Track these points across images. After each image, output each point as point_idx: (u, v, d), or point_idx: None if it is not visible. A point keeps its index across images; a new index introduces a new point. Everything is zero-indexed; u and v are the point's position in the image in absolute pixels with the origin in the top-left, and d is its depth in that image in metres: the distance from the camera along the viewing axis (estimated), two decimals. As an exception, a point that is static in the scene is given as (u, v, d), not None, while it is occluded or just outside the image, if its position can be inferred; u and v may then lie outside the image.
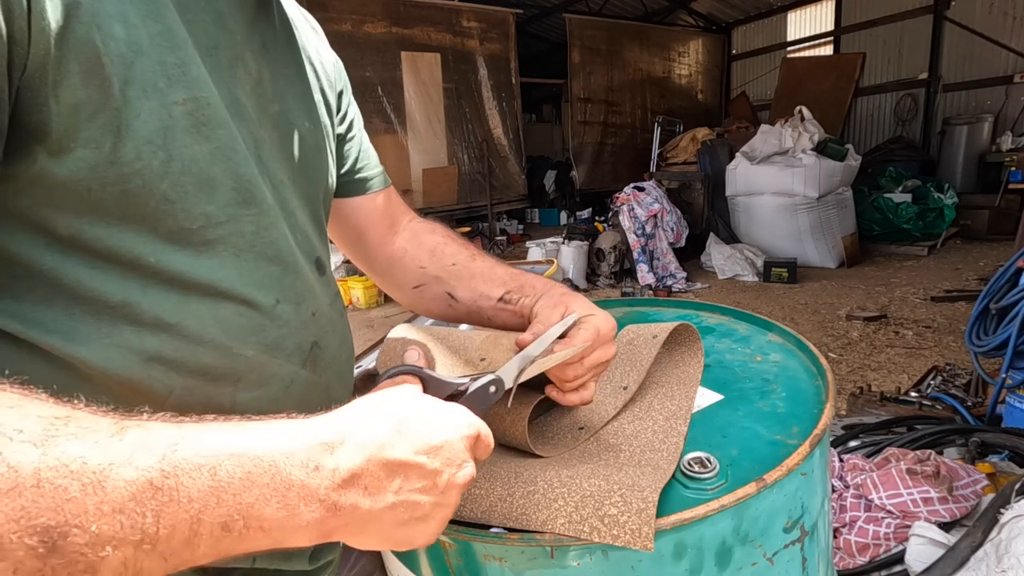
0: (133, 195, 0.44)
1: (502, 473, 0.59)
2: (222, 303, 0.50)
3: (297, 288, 0.56)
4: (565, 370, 0.63)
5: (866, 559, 1.57)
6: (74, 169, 0.41)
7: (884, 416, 2.35)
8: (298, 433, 0.39)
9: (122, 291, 0.45)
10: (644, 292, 5.91)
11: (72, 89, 0.40)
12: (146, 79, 0.43)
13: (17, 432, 0.29)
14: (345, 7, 7.18)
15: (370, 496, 0.39)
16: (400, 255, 0.80)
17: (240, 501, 0.34)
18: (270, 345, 0.53)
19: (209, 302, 0.49)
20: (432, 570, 0.63)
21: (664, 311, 1.06)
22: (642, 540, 0.49)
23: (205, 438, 0.35)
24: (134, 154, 0.43)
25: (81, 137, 0.41)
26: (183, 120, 0.46)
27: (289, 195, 0.58)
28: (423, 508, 0.42)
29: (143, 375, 0.46)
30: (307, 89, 0.64)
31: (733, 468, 0.60)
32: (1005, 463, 1.81)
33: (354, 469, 0.39)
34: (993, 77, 8.05)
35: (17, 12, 0.37)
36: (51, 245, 0.43)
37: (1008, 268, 2.29)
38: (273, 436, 0.38)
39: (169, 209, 0.46)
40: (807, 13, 10.37)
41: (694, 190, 7.25)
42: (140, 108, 0.43)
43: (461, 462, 0.44)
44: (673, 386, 0.76)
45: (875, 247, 6.94)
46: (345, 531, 0.40)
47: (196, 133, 0.47)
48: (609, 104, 10.18)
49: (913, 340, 4.04)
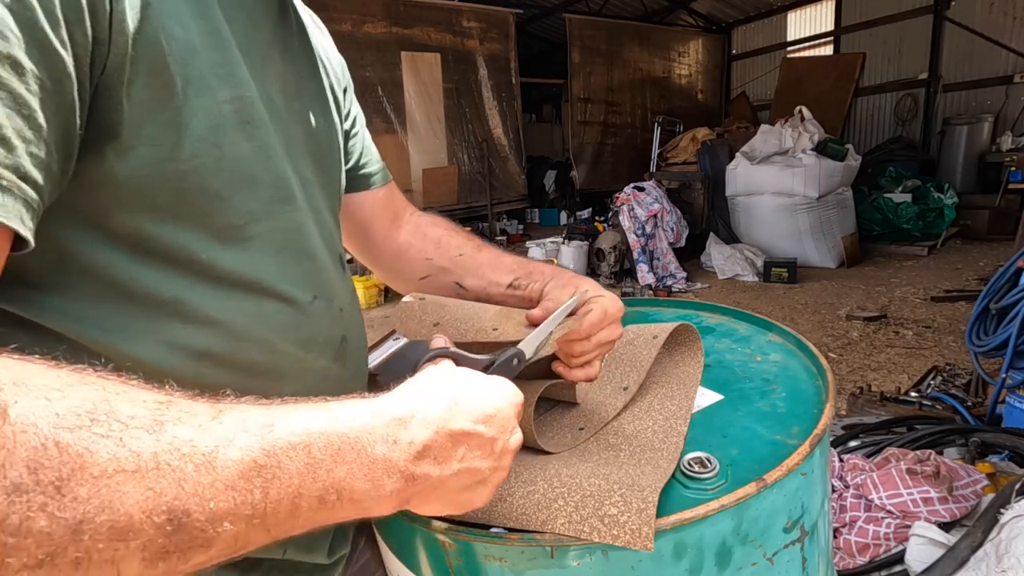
0: (188, 192, 0.45)
1: None
2: (265, 300, 0.51)
3: (327, 284, 0.58)
4: (573, 346, 0.65)
5: (866, 559, 1.57)
6: (137, 167, 0.42)
7: (884, 416, 2.35)
8: (374, 411, 0.41)
9: (172, 288, 0.46)
10: (644, 292, 5.91)
11: (142, 88, 0.41)
12: (201, 78, 0.45)
13: (130, 419, 0.31)
14: (345, 7, 7.18)
15: (439, 465, 0.42)
16: (405, 248, 0.81)
17: (333, 476, 0.36)
18: (306, 341, 0.55)
19: (253, 299, 0.51)
20: (432, 570, 0.63)
21: (664, 311, 1.06)
22: (642, 540, 0.49)
23: (294, 418, 0.37)
24: (191, 152, 0.44)
25: (145, 136, 0.42)
26: (231, 118, 0.47)
27: (315, 192, 0.60)
28: (482, 473, 0.45)
29: (193, 372, 0.47)
30: (321, 88, 0.66)
31: (733, 468, 0.60)
32: (1005, 463, 1.81)
33: (426, 441, 0.41)
34: (993, 77, 8.05)
35: (101, 12, 0.37)
36: (108, 243, 0.43)
37: (1008, 268, 2.29)
38: (354, 414, 0.40)
39: (219, 206, 0.47)
40: (807, 13, 10.37)
41: (694, 190, 7.25)
42: (196, 107, 0.44)
43: (512, 428, 0.47)
44: (673, 386, 0.76)
45: (875, 247, 6.94)
46: (418, 499, 0.43)
47: (242, 131, 0.48)
48: (609, 104, 10.17)
49: (913, 340, 4.04)
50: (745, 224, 6.82)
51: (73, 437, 0.28)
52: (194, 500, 0.31)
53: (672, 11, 11.23)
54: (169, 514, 0.30)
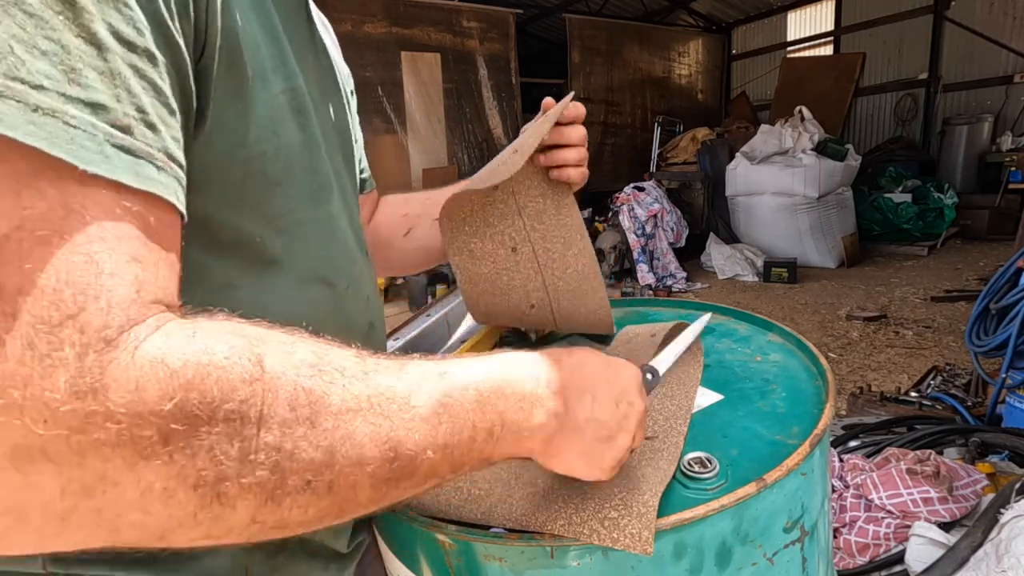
0: (251, 177, 0.47)
1: (503, 475, 0.59)
2: (310, 285, 0.54)
3: (356, 272, 0.61)
4: (562, 154, 0.76)
5: (866, 559, 1.57)
6: (215, 152, 0.44)
7: (884, 416, 2.35)
8: (517, 361, 0.47)
9: (225, 273, 0.47)
10: (644, 292, 5.91)
11: (222, 77, 0.43)
12: (263, 68, 0.47)
13: (344, 369, 0.37)
14: (345, 7, 7.18)
15: (571, 407, 0.47)
16: (383, 225, 0.88)
17: (496, 409, 0.42)
18: (343, 327, 0.57)
19: (299, 285, 0.53)
20: (432, 570, 0.63)
21: (664, 311, 1.06)
22: (642, 544, 0.49)
23: (461, 366, 0.43)
24: (255, 138, 0.46)
25: (222, 122, 0.44)
26: (286, 108, 0.50)
27: (345, 183, 0.62)
28: (609, 427, 0.49)
29: None
30: (337, 86, 0.69)
31: (733, 468, 0.60)
32: (1005, 463, 1.81)
33: (561, 383, 0.47)
34: (993, 77, 8.05)
35: (200, 4, 0.40)
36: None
37: (1008, 268, 2.29)
38: (504, 363, 0.46)
39: (275, 192, 0.49)
40: (807, 13, 10.37)
41: (694, 190, 7.25)
42: (259, 96, 0.46)
43: (633, 400, 0.51)
44: (673, 385, 0.76)
45: (875, 247, 6.94)
46: (559, 441, 0.47)
47: (294, 121, 0.50)
48: (609, 104, 10.17)
49: (913, 340, 4.04)
50: (745, 224, 6.82)
51: (312, 383, 0.34)
52: (403, 432, 0.37)
53: (672, 11, 11.22)
54: (390, 443, 0.36)
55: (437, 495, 0.59)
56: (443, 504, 0.59)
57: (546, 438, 0.46)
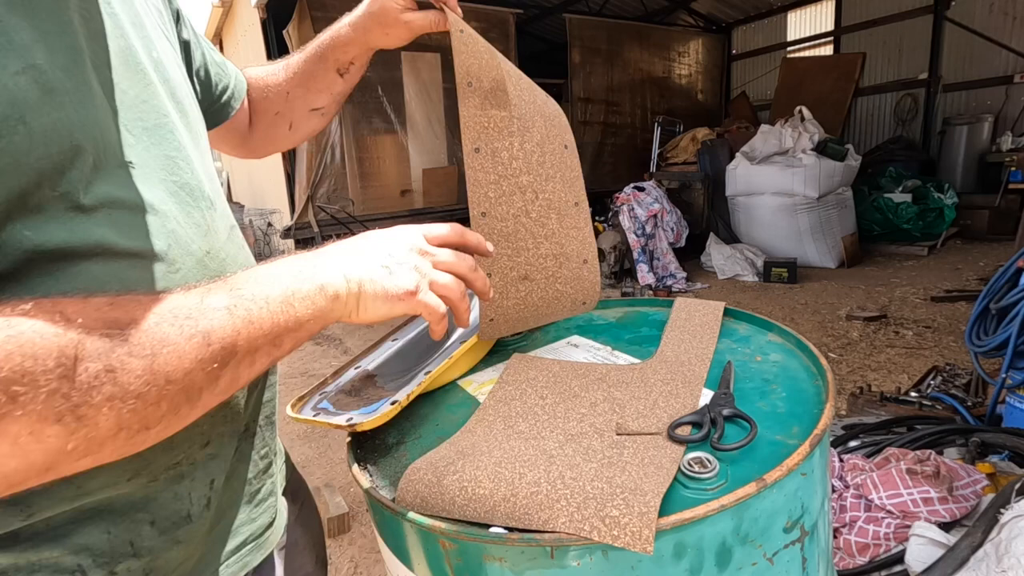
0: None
1: (506, 475, 0.59)
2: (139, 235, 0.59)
3: (197, 219, 0.64)
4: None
5: (866, 559, 1.58)
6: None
7: (884, 416, 2.35)
8: (296, 257, 0.56)
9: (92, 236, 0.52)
10: (644, 292, 5.91)
11: None
12: None
13: (137, 299, 0.43)
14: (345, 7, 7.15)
15: (340, 248, 0.59)
16: (258, 112, 0.94)
17: (280, 277, 0.52)
18: (190, 255, 0.62)
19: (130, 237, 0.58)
20: (432, 570, 0.63)
21: (664, 311, 1.06)
22: (642, 543, 0.50)
23: (252, 276, 0.51)
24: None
25: None
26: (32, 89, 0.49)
27: (172, 131, 0.66)
28: (381, 261, 0.58)
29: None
30: (126, 36, 0.64)
31: (733, 468, 0.60)
32: (1005, 463, 1.81)
33: (323, 246, 0.59)
34: (993, 77, 8.05)
35: None
36: None
37: (1008, 268, 2.29)
38: (284, 262, 0.55)
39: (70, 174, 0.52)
40: (807, 13, 10.37)
41: (694, 190, 7.25)
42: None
43: (399, 236, 0.62)
44: (678, 383, 0.76)
45: (875, 247, 6.94)
46: (353, 273, 0.56)
47: (46, 101, 0.50)
48: (609, 104, 10.16)
49: (913, 340, 4.04)
50: (745, 224, 6.82)
51: (114, 314, 0.40)
52: (209, 325, 0.44)
53: (672, 11, 11.22)
54: (200, 335, 0.44)
55: (440, 495, 0.59)
56: (446, 503, 0.59)
57: (342, 277, 0.55)
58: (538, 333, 1.06)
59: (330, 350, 4.81)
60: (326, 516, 2.38)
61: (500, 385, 0.81)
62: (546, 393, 0.78)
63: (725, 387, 0.74)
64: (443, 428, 0.77)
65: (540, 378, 0.82)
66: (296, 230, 7.06)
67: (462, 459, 0.63)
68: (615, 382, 0.79)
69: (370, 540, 2.35)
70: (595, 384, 0.79)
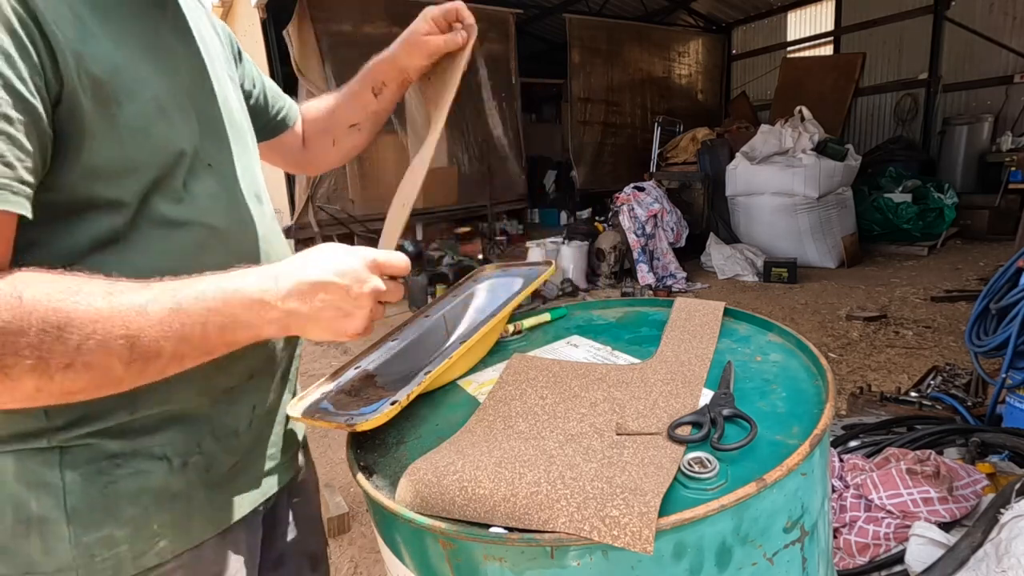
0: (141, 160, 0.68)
1: (506, 474, 0.59)
2: (194, 229, 0.74)
3: (241, 215, 0.78)
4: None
5: (866, 559, 1.58)
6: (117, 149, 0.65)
7: (884, 416, 2.35)
8: (255, 273, 0.62)
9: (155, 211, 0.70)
10: (644, 292, 5.91)
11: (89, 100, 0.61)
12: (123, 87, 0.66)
13: (91, 292, 0.53)
14: (345, 7, 7.18)
15: (304, 303, 0.62)
16: (309, 135, 1.09)
17: (225, 313, 0.59)
18: (231, 253, 0.74)
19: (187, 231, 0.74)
20: (432, 570, 0.63)
21: (664, 311, 1.06)
22: (642, 543, 0.50)
23: (195, 283, 0.59)
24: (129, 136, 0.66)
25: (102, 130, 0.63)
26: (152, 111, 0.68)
27: (223, 149, 0.82)
28: (345, 309, 0.64)
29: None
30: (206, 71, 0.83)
31: (733, 468, 0.60)
32: (1005, 463, 1.81)
33: (290, 287, 0.62)
34: (993, 77, 8.04)
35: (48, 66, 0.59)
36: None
37: (1008, 268, 2.29)
38: (243, 276, 0.62)
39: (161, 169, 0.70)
40: (807, 13, 10.36)
41: (694, 190, 7.25)
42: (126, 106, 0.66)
43: (365, 279, 0.64)
44: (678, 383, 0.76)
45: (875, 247, 6.94)
46: (298, 326, 0.63)
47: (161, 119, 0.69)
48: (609, 104, 10.16)
49: (913, 340, 4.04)
50: (745, 224, 6.82)
51: (61, 304, 0.51)
52: (137, 329, 0.54)
53: (672, 11, 11.22)
54: (126, 338, 0.54)
55: (440, 494, 0.59)
56: (446, 503, 0.59)
57: (284, 327, 0.63)
58: (538, 333, 1.06)
59: (330, 350, 4.81)
60: (326, 516, 2.38)
61: (500, 385, 0.81)
62: (546, 393, 0.78)
63: (725, 387, 0.74)
64: (443, 428, 0.77)
65: (540, 378, 0.82)
66: (296, 230, 7.06)
67: (462, 459, 0.63)
68: (615, 382, 0.79)
69: (370, 540, 2.35)
70: (595, 384, 0.79)
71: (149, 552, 0.67)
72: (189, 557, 0.70)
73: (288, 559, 0.92)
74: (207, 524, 0.72)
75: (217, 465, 0.73)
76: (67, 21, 0.57)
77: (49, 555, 0.62)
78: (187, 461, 0.70)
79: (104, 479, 0.64)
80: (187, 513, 0.70)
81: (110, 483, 0.64)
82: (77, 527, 0.62)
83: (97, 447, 0.64)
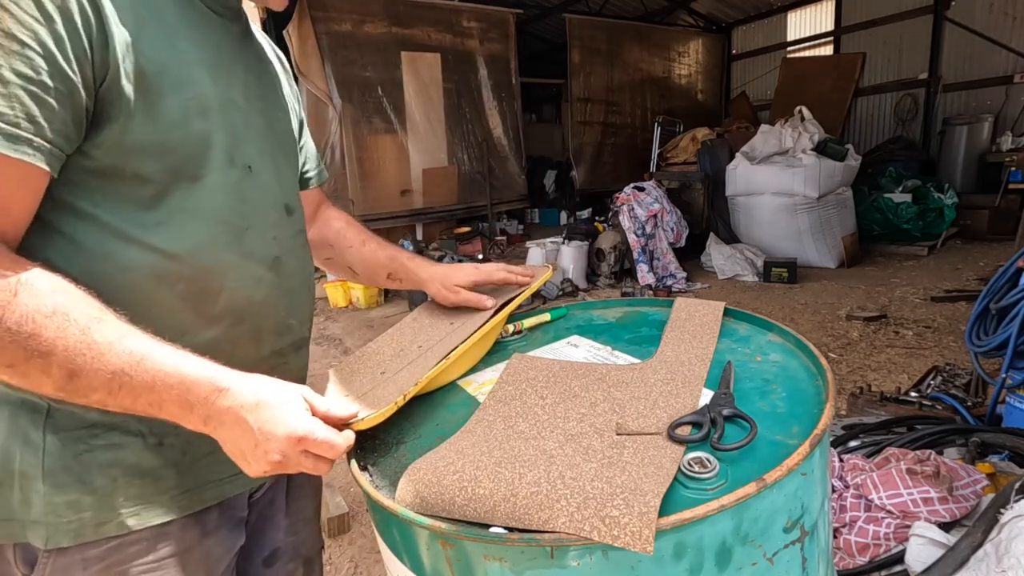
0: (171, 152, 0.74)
1: (506, 475, 0.59)
2: (212, 223, 0.79)
3: (260, 219, 0.82)
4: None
5: (866, 559, 1.57)
6: (151, 133, 0.71)
7: (884, 416, 2.35)
8: (208, 379, 0.63)
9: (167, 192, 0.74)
10: (644, 292, 5.91)
11: (131, 89, 0.68)
12: (167, 82, 0.72)
13: (76, 316, 0.59)
14: (345, 7, 7.18)
15: (221, 428, 0.64)
16: (315, 236, 1.09)
17: (162, 397, 0.62)
18: (244, 254, 0.78)
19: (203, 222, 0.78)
20: (432, 570, 0.63)
21: (664, 311, 1.06)
22: (642, 542, 0.50)
23: (158, 356, 0.62)
24: (167, 127, 0.72)
25: (141, 116, 0.69)
26: (193, 108, 0.74)
27: (262, 157, 0.87)
28: (246, 456, 0.65)
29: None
30: (279, 97, 0.94)
31: (733, 468, 0.60)
32: (1005, 463, 1.81)
33: (222, 410, 0.63)
34: (993, 77, 8.05)
35: (98, 52, 0.66)
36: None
37: (1008, 268, 2.29)
38: (202, 370, 0.64)
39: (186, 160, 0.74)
40: (807, 13, 10.37)
41: (694, 190, 7.25)
42: (168, 99, 0.73)
43: (271, 450, 0.63)
44: (678, 384, 0.76)
45: (875, 247, 6.94)
46: (212, 433, 0.65)
47: (199, 117, 0.74)
48: (609, 104, 10.17)
49: (913, 340, 4.04)
50: (745, 224, 6.82)
51: (38, 314, 0.57)
52: (86, 368, 0.59)
53: (672, 11, 11.22)
54: (71, 370, 0.58)
55: (440, 494, 0.59)
56: (446, 503, 0.59)
57: (199, 428, 0.64)
58: (538, 333, 1.06)
59: (330, 350, 4.81)
60: (326, 516, 2.38)
61: (500, 385, 0.81)
62: (546, 393, 0.78)
63: (725, 387, 0.74)
64: (443, 428, 0.77)
65: (540, 378, 0.82)
66: (296, 230, 7.06)
67: (462, 459, 0.63)
68: (615, 382, 0.79)
69: (370, 540, 2.35)
70: (595, 384, 0.79)
71: (111, 522, 0.70)
72: (151, 533, 0.73)
73: (280, 558, 0.95)
74: (174, 505, 0.74)
75: (193, 450, 0.76)
76: (129, 22, 0.65)
77: (25, 506, 0.68)
78: (163, 441, 0.73)
79: (80, 447, 0.69)
80: (156, 491, 0.73)
81: (85, 451, 0.69)
82: (49, 487, 0.67)
83: (79, 415, 0.68)
